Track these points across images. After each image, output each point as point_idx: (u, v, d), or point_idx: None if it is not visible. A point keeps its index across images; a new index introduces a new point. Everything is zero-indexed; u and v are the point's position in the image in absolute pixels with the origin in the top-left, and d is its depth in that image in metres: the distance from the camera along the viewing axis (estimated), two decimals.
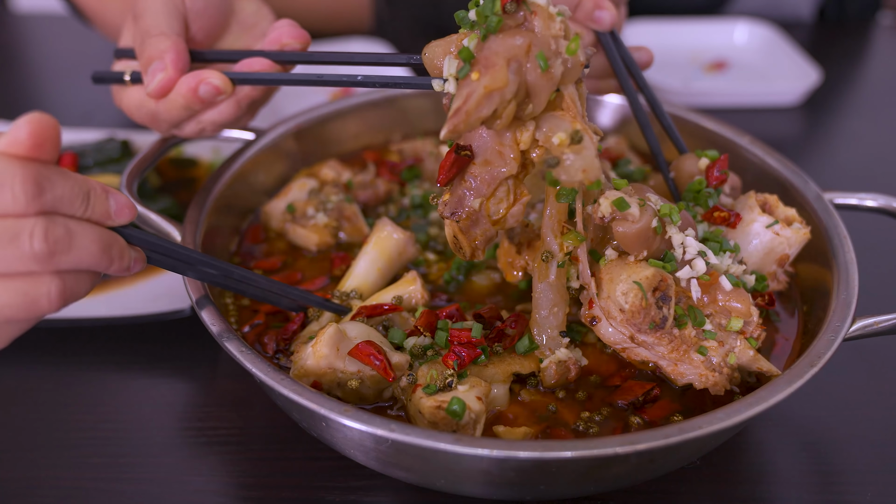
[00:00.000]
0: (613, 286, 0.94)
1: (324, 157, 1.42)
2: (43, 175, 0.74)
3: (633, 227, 0.94)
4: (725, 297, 0.98)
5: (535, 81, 0.87)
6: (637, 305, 0.92)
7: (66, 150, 1.53)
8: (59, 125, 0.75)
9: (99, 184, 0.80)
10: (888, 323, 0.99)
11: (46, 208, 0.74)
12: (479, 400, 0.93)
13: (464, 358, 0.96)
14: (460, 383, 0.94)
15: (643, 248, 0.96)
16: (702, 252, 0.98)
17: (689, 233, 0.99)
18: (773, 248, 1.09)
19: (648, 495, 1.02)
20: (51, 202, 0.74)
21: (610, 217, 0.95)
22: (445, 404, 0.90)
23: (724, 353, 0.97)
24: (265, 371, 0.90)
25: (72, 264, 0.77)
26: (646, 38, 2.09)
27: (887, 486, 1.04)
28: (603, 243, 1.00)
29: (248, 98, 1.13)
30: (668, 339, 0.95)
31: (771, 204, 1.12)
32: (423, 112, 1.50)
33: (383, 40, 2.05)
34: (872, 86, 2.14)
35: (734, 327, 0.97)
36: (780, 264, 1.10)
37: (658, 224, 0.95)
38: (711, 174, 1.12)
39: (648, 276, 0.93)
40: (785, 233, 1.09)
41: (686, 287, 0.97)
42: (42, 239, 0.74)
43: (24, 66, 2.18)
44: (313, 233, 1.23)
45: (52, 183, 0.74)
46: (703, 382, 0.96)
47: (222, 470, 1.05)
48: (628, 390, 1.00)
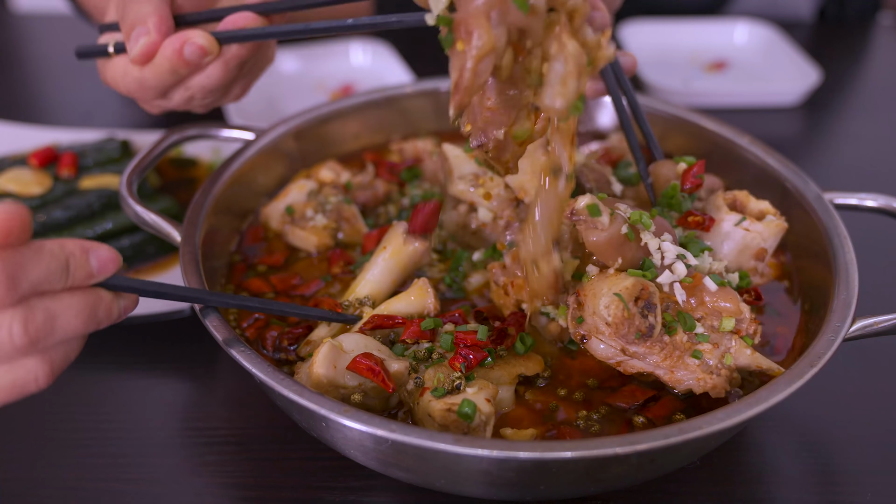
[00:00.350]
0: (596, 301, 0.94)
1: (324, 157, 1.41)
2: (15, 264, 0.70)
3: (603, 235, 0.95)
4: (712, 297, 0.96)
5: (522, 22, 0.84)
6: (620, 317, 0.92)
7: (65, 150, 1.53)
8: (25, 210, 0.72)
9: (77, 245, 0.77)
10: (888, 323, 0.99)
11: (24, 296, 0.72)
12: (489, 402, 0.92)
13: (471, 360, 0.96)
14: (468, 385, 0.94)
15: (617, 254, 0.96)
16: (681, 255, 0.97)
17: (665, 237, 0.99)
18: (748, 245, 1.09)
19: (648, 495, 1.02)
20: (28, 289, 0.72)
21: (581, 218, 0.95)
22: (456, 407, 0.90)
23: (720, 354, 0.96)
24: (265, 371, 0.90)
25: (57, 341, 0.76)
26: (646, 37, 2.09)
27: (887, 486, 1.04)
28: (585, 262, 1.01)
29: (237, 58, 1.08)
30: (658, 346, 0.94)
31: (741, 200, 1.12)
32: (423, 113, 1.50)
33: (383, 39, 2.05)
34: (872, 86, 2.14)
35: (727, 327, 0.96)
36: (759, 258, 1.10)
37: (629, 231, 0.95)
38: (687, 178, 1.12)
39: (628, 287, 0.92)
40: (756, 227, 1.09)
41: (671, 292, 0.96)
42: (22, 332, 0.72)
43: (24, 66, 2.18)
44: (312, 234, 1.23)
45: (26, 270, 0.71)
46: (702, 387, 0.95)
47: (222, 470, 1.05)
48: (629, 394, 1.00)
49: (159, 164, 1.58)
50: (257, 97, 1.88)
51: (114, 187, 1.44)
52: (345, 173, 1.34)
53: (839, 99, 2.03)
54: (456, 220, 1.21)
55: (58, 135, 1.62)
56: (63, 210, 1.39)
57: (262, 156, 1.32)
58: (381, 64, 1.98)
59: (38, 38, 2.33)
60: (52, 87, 2.09)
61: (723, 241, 1.10)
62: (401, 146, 1.42)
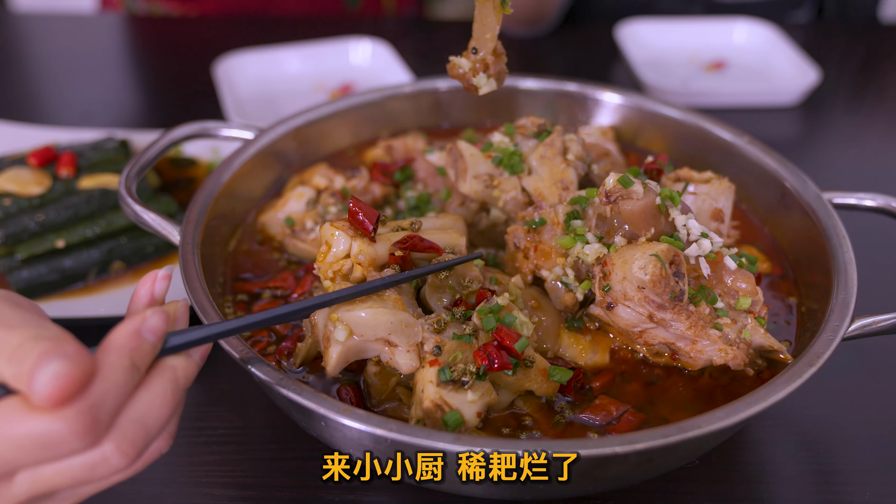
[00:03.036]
0: (629, 266, 0.96)
1: (323, 157, 1.41)
2: (91, 408, 0.67)
3: (638, 204, 1.00)
4: (731, 276, 1.01)
5: None
6: (658, 275, 0.94)
7: (65, 149, 1.53)
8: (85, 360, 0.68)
9: (126, 333, 0.73)
10: (887, 322, 1.00)
11: (110, 423, 0.70)
12: (478, 416, 0.91)
13: (495, 365, 0.92)
14: (473, 388, 0.91)
15: (650, 225, 1.00)
16: (704, 234, 1.01)
17: (689, 216, 1.02)
18: (700, 207, 1.15)
19: (647, 495, 1.02)
20: (108, 417, 0.69)
21: (615, 196, 1.00)
22: (448, 410, 0.89)
23: (738, 329, 0.99)
24: (265, 371, 0.90)
25: (154, 438, 0.74)
26: (645, 38, 2.09)
27: (886, 486, 1.04)
28: (610, 235, 1.02)
29: None
30: (685, 314, 0.97)
31: (685, 175, 1.17)
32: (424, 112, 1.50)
33: (382, 39, 2.05)
34: (872, 86, 2.14)
35: (743, 306, 0.99)
36: (717, 219, 1.14)
37: (661, 203, 1.00)
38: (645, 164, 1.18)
39: (664, 249, 0.96)
40: (701, 189, 1.14)
41: (696, 265, 0.99)
42: (122, 458, 0.70)
43: (24, 65, 2.18)
44: (314, 248, 1.21)
45: (103, 403, 0.69)
46: (723, 357, 0.98)
47: (221, 469, 1.05)
48: (602, 408, 0.98)
49: (158, 163, 1.57)
50: (257, 97, 1.88)
51: (113, 187, 1.44)
52: (338, 178, 1.31)
53: (839, 99, 2.03)
54: (464, 217, 1.21)
55: (57, 134, 1.62)
56: (62, 209, 1.39)
57: (262, 155, 1.32)
58: (380, 64, 1.98)
59: (38, 38, 2.33)
60: (51, 87, 2.09)
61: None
62: (389, 143, 1.41)
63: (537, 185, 1.16)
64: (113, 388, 0.70)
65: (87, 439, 0.68)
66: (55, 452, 0.67)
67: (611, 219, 1.02)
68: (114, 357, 0.71)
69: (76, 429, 0.67)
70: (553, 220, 1.07)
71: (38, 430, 0.66)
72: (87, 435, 0.67)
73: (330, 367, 0.92)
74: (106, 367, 0.70)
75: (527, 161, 1.18)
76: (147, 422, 0.72)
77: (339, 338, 0.91)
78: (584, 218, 1.06)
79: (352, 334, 0.91)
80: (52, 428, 0.66)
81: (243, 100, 1.84)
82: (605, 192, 1.01)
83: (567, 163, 1.16)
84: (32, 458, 0.67)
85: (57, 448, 0.67)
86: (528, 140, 1.20)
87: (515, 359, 0.93)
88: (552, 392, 0.98)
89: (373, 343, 0.92)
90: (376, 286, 0.93)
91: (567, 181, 1.15)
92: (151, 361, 0.75)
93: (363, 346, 0.93)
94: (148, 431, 0.72)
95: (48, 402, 0.66)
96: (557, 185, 1.15)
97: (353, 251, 0.99)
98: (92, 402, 0.68)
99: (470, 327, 0.95)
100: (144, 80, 2.18)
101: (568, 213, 1.07)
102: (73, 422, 0.67)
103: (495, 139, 1.20)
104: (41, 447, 0.67)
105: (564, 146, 1.19)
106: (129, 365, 0.72)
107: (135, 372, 0.72)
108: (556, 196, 1.14)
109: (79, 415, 0.67)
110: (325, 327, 0.93)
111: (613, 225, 1.02)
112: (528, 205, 1.17)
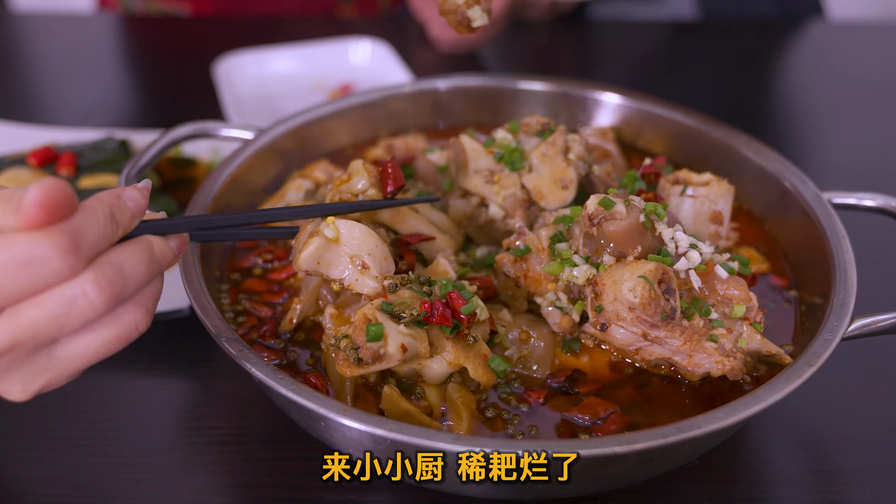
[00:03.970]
0: (619, 287, 0.95)
1: (322, 157, 1.41)
2: (73, 233, 0.72)
3: (622, 224, 0.98)
4: (723, 285, 1.00)
5: None
6: (647, 297, 0.93)
7: (64, 149, 1.53)
8: (65, 181, 0.73)
9: (109, 194, 0.79)
10: (886, 322, 1.00)
11: (89, 258, 0.74)
12: (402, 349, 0.92)
13: (436, 315, 0.95)
14: (407, 325, 0.93)
15: (636, 243, 0.99)
16: (693, 244, 1.00)
17: (676, 228, 1.02)
18: (699, 210, 1.13)
19: (647, 495, 1.02)
20: (89, 250, 0.73)
21: (598, 218, 0.99)
22: (375, 320, 0.91)
23: (734, 338, 0.98)
24: (264, 371, 0.90)
25: (132, 289, 0.77)
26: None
27: (886, 486, 1.04)
28: (598, 253, 1.01)
29: None
30: (679, 330, 0.96)
31: (684, 177, 1.16)
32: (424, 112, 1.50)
33: (382, 39, 2.05)
34: (872, 86, 2.14)
35: (738, 314, 0.99)
36: (716, 222, 1.14)
37: (646, 220, 0.99)
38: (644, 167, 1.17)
39: (651, 269, 0.95)
40: (700, 191, 1.13)
41: (686, 279, 0.99)
42: (98, 291, 0.73)
43: (24, 65, 2.18)
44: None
45: (84, 233, 0.73)
46: (721, 369, 0.97)
47: (221, 469, 1.06)
48: (590, 408, 0.99)
49: (158, 163, 1.57)
50: (257, 97, 1.88)
51: (112, 187, 1.44)
52: (338, 173, 1.32)
53: (838, 99, 2.03)
54: (463, 211, 1.21)
55: (56, 134, 1.62)
56: None
57: (261, 155, 1.32)
58: (380, 64, 1.98)
59: (38, 38, 2.33)
60: (50, 87, 2.09)
61: (677, 214, 1.12)
62: (389, 142, 1.41)
63: (537, 182, 1.16)
64: (93, 222, 0.74)
65: (68, 259, 0.71)
66: (37, 272, 0.71)
67: (597, 238, 1.01)
68: (95, 202, 0.76)
69: (58, 246, 0.70)
70: (538, 248, 1.06)
71: (21, 248, 0.70)
72: (68, 254, 0.71)
73: (303, 255, 0.97)
74: (88, 208, 0.75)
75: (528, 158, 1.18)
76: (124, 269, 0.76)
77: (327, 234, 0.97)
78: (571, 237, 1.06)
79: (338, 239, 0.98)
80: (35, 244, 0.70)
81: (243, 100, 1.84)
82: (588, 215, 1.00)
83: (568, 162, 1.17)
84: (14, 278, 0.70)
85: (38, 267, 0.70)
86: (531, 138, 1.20)
87: (458, 322, 0.96)
88: (488, 382, 0.98)
89: (346, 258, 0.98)
90: (365, 206, 1.05)
91: (567, 180, 1.15)
92: (129, 225, 0.79)
93: (336, 257, 0.99)
94: (125, 278, 0.76)
95: (34, 214, 0.70)
96: (557, 183, 1.15)
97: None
98: (73, 227, 0.72)
99: (426, 287, 0.99)
100: (144, 81, 2.18)
101: (551, 236, 1.06)
102: (55, 239, 0.70)
103: (498, 136, 1.21)
104: (23, 265, 0.70)
105: (567, 145, 1.19)
106: (109, 213, 0.76)
107: (114, 223, 0.77)
108: (555, 195, 1.14)
109: (61, 234, 0.71)
110: (316, 226, 0.99)
111: (601, 244, 1.01)
112: (526, 202, 1.17)
